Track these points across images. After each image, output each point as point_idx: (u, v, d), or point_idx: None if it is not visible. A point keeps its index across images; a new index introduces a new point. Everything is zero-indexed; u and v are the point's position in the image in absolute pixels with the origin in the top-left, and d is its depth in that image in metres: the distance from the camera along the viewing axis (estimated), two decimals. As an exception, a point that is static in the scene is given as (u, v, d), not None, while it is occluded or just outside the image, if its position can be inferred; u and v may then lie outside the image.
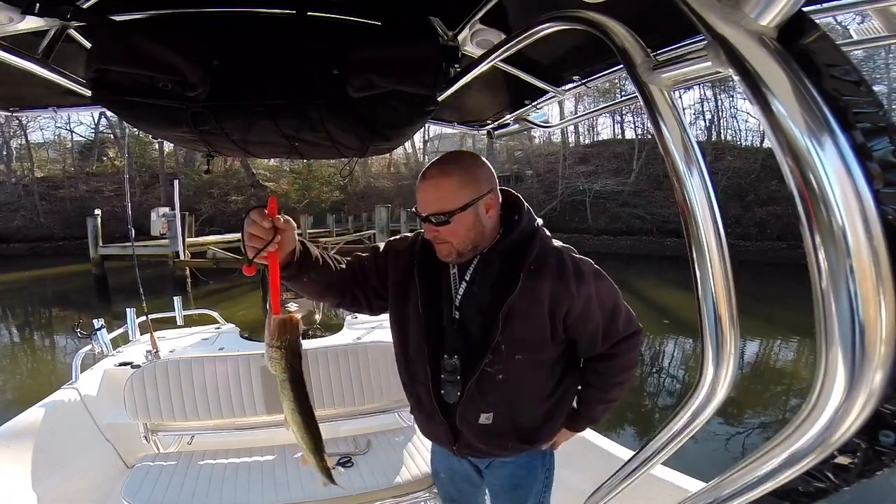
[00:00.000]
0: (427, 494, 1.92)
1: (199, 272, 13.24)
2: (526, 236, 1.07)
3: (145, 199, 27.22)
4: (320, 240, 16.28)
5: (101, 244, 14.49)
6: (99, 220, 14.53)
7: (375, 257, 1.20)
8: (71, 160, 31.78)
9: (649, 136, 28.34)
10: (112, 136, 32.43)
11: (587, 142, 31.57)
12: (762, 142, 24.60)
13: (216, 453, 2.21)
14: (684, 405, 0.42)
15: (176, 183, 13.82)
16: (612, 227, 24.78)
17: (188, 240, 13.92)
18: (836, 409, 0.29)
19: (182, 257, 13.43)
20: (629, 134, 29.64)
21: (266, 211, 0.87)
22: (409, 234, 1.23)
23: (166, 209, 13.91)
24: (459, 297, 1.10)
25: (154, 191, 27.73)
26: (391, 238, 1.26)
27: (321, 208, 29.29)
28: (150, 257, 14.84)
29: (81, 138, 33.02)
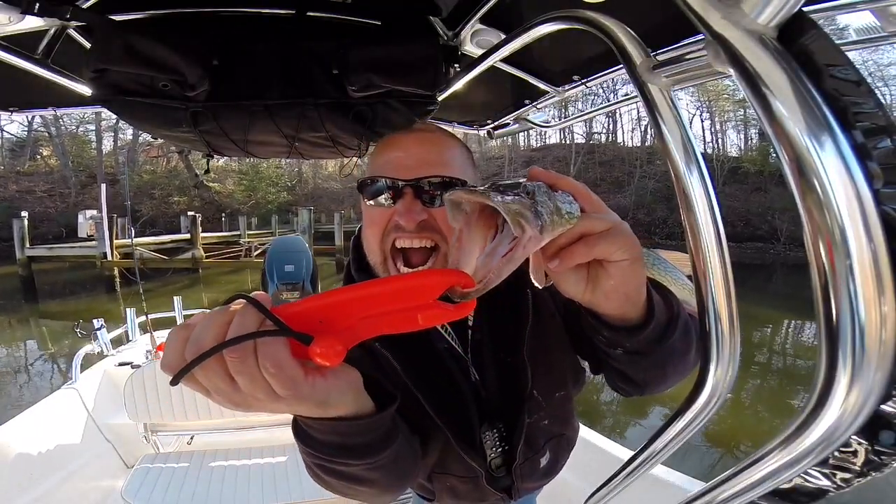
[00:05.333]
0: None
1: (129, 272, 13.30)
2: None
3: (81, 199, 26.78)
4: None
5: (27, 245, 14.52)
6: (26, 221, 14.58)
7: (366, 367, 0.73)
8: (0, 159, 30.50)
9: (591, 142, 29.87)
10: (47, 135, 31.35)
11: (537, 145, 32.04)
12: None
13: (216, 453, 2.21)
14: (684, 405, 0.42)
15: (103, 186, 14.46)
16: None
17: (116, 241, 14.18)
18: (835, 408, 0.29)
19: (110, 258, 13.75)
20: (579, 138, 30.33)
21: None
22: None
23: (94, 212, 14.34)
24: (469, 350, 0.80)
25: (91, 191, 26.71)
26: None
27: (267, 209, 29.31)
28: (78, 258, 15.15)
29: (12, 136, 31.74)
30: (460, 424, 0.76)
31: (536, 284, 0.50)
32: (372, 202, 0.68)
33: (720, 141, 29.11)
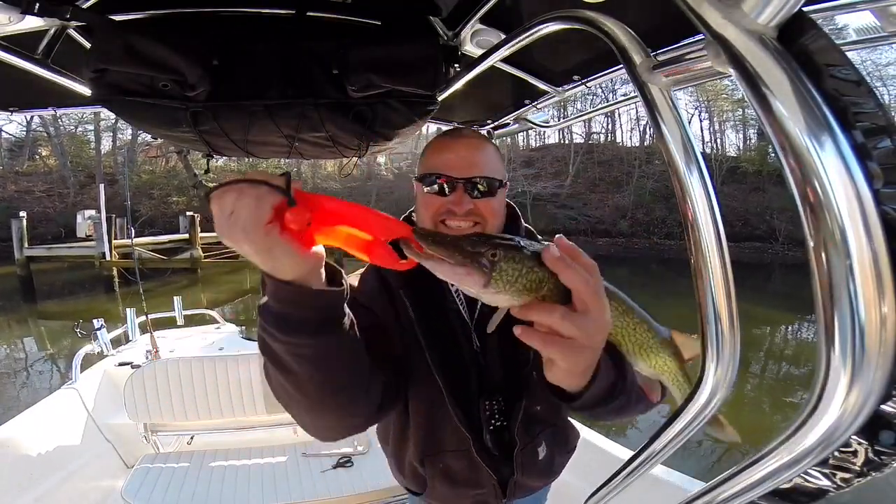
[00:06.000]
0: None
1: (127, 272, 13.39)
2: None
3: (80, 199, 26.54)
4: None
5: (26, 245, 14.52)
6: (24, 221, 14.57)
7: (363, 306, 0.80)
8: (-1, 159, 30.18)
9: (590, 142, 29.90)
10: (46, 135, 31.10)
11: (536, 145, 32.20)
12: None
13: (216, 453, 2.21)
14: (684, 405, 0.42)
15: (101, 186, 14.54)
16: (550, 227, 26.13)
17: (115, 241, 14.19)
18: (836, 408, 0.29)
19: (109, 258, 13.74)
20: (578, 138, 30.47)
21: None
22: (357, 273, 0.91)
23: (92, 212, 14.35)
24: (475, 320, 0.88)
25: (90, 191, 26.37)
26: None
27: None
28: (76, 258, 15.09)
29: (11, 136, 31.33)
30: (456, 384, 0.83)
31: (488, 329, 0.58)
32: (429, 191, 0.84)
33: (718, 141, 29.17)
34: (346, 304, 0.61)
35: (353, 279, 0.88)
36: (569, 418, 1.04)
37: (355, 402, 0.67)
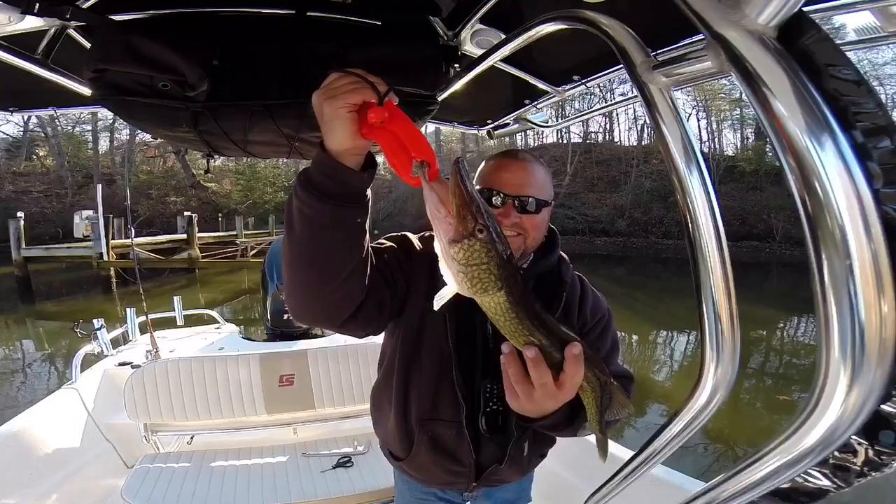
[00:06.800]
0: None
1: (125, 272, 13.44)
2: (558, 264, 1.06)
3: (78, 199, 26.62)
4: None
5: (24, 246, 14.53)
6: (22, 222, 14.57)
7: (405, 253, 0.96)
8: (-4, 159, 30.01)
9: (588, 141, 29.97)
10: (43, 135, 31.24)
11: (534, 144, 32.29)
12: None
13: (216, 453, 2.21)
14: (684, 405, 0.42)
15: (99, 186, 14.54)
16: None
17: (113, 241, 14.23)
18: (836, 408, 0.29)
19: (106, 258, 13.76)
20: (575, 138, 30.57)
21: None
22: (413, 235, 1.03)
23: (90, 212, 14.44)
24: None
25: (88, 191, 26.65)
26: (400, 234, 1.04)
27: (264, 209, 29.24)
28: (74, 259, 15.12)
29: (8, 136, 31.40)
30: (463, 353, 0.95)
31: (434, 304, 0.67)
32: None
33: (716, 140, 29.18)
34: (367, 196, 0.72)
35: (416, 239, 1.02)
36: None
37: (328, 281, 0.75)
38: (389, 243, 0.98)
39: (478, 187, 0.95)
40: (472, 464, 0.99)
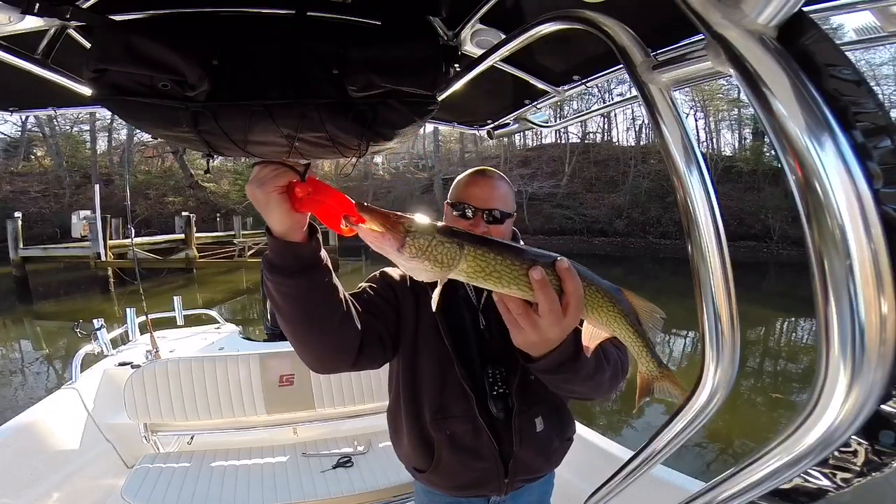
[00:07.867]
0: None
1: (123, 272, 13.52)
2: None
3: (76, 199, 26.54)
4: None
5: (21, 246, 14.55)
6: (19, 222, 14.58)
7: (385, 285, 1.08)
8: (-6, 159, 29.86)
9: (586, 141, 30.12)
10: (41, 135, 31.11)
11: (533, 145, 32.27)
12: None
13: (216, 453, 2.21)
14: (684, 405, 0.42)
15: (97, 187, 14.61)
16: (546, 227, 26.33)
17: (111, 241, 14.25)
18: (836, 408, 0.29)
19: (104, 258, 13.79)
20: (574, 138, 30.64)
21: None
22: (389, 268, 1.12)
23: (87, 212, 14.51)
24: (482, 301, 1.07)
25: (86, 191, 26.54)
26: (378, 272, 1.15)
27: None
28: (72, 259, 15.16)
29: (6, 136, 31.25)
30: (462, 349, 1.02)
31: (432, 303, 0.70)
32: (457, 214, 1.07)
33: (714, 140, 29.17)
34: (323, 258, 0.81)
35: (391, 270, 1.12)
36: (566, 405, 1.14)
37: (325, 333, 0.85)
38: (369, 284, 1.09)
39: (451, 201, 1.09)
40: (495, 455, 1.02)
